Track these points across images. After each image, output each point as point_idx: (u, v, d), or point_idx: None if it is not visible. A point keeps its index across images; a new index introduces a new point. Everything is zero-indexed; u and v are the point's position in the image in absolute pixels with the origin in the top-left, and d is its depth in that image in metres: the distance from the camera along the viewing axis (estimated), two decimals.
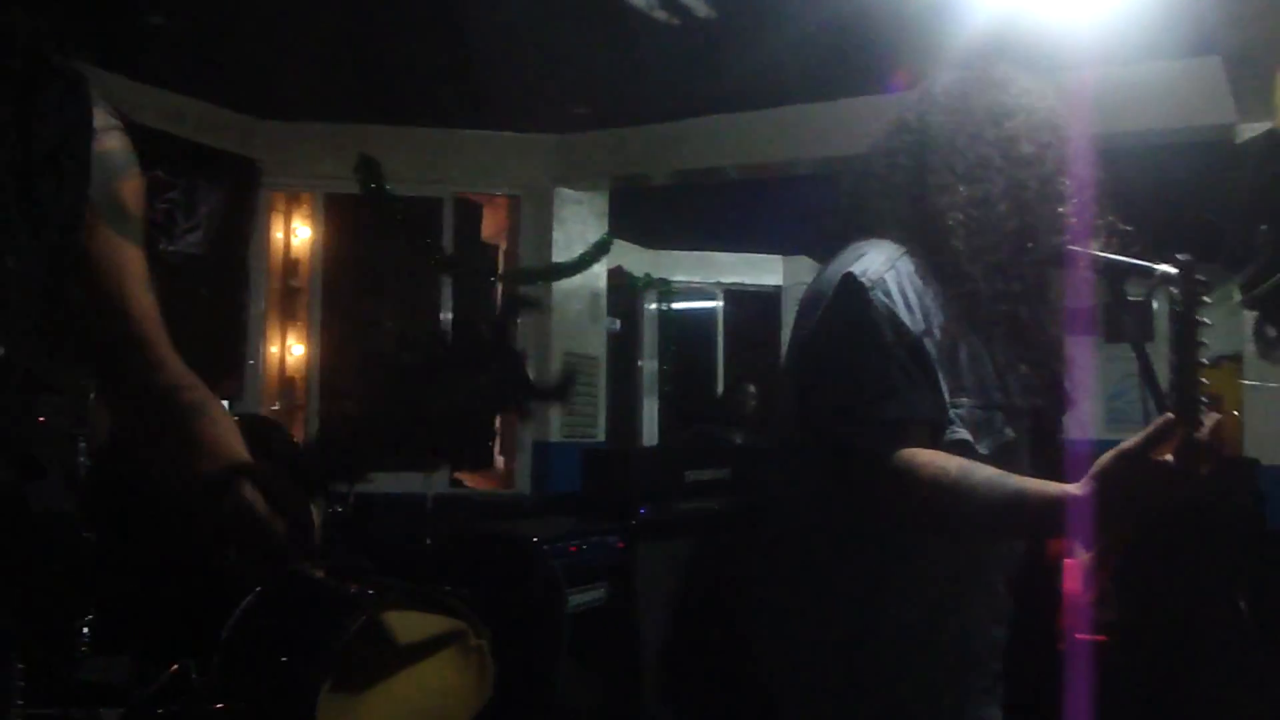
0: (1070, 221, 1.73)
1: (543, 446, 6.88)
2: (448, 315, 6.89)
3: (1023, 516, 1.53)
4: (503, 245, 7.26)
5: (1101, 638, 1.66)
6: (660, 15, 4.40)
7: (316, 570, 3.80)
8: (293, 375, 6.95)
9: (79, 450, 3.68)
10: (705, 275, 9.96)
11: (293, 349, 6.93)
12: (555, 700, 4.26)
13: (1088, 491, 1.45)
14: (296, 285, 7.01)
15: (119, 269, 1.29)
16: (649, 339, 9.64)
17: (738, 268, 9.95)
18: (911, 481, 1.57)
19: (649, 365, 9.62)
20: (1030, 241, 1.72)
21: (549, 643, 4.23)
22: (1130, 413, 1.47)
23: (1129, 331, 1.76)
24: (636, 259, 9.23)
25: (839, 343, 1.70)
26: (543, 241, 7.01)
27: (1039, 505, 1.50)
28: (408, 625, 3.50)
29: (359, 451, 1.32)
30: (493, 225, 7.35)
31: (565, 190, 7.06)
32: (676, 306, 9.78)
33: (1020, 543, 1.79)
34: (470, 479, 7.10)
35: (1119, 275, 1.69)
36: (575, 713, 4.48)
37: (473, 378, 1.32)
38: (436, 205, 6.92)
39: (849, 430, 1.65)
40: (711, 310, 10.13)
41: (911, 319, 1.67)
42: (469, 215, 7.26)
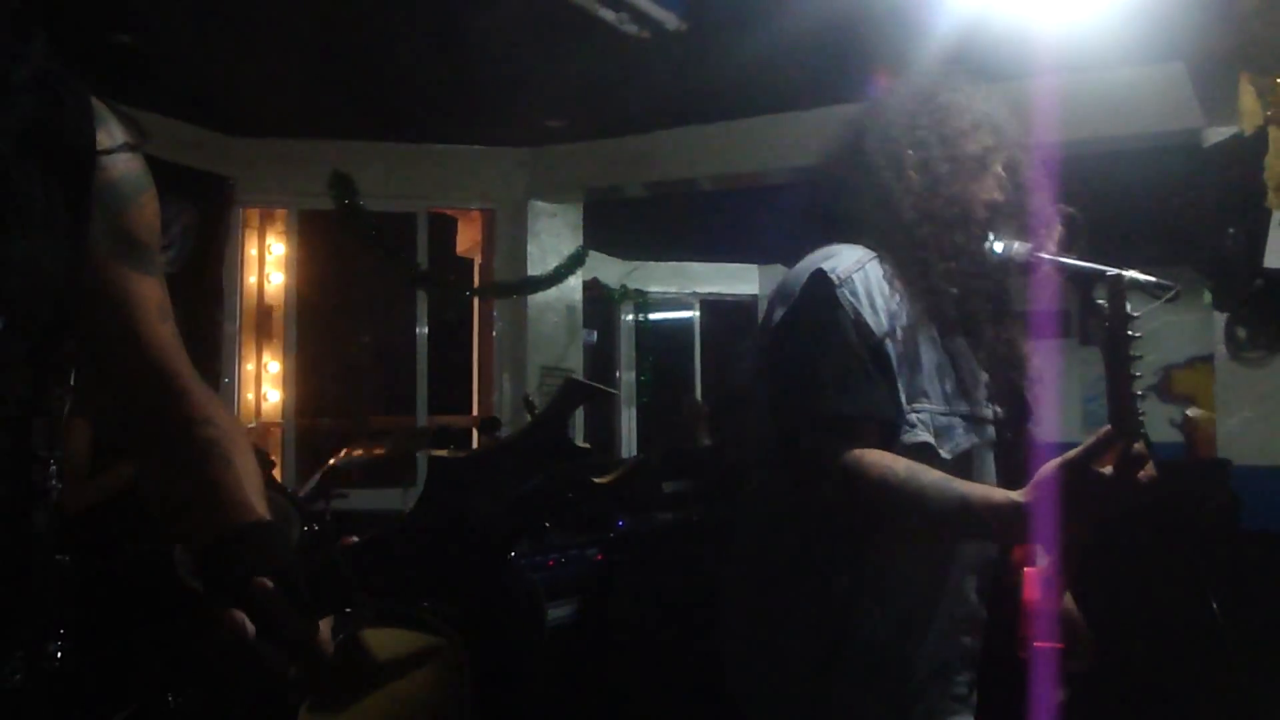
0: (1030, 227, 1.76)
1: None
2: (424, 330, 6.88)
3: (967, 520, 1.57)
4: (478, 259, 7.26)
5: (1060, 645, 1.67)
6: (631, 29, 4.41)
7: None
8: (268, 393, 6.92)
9: (50, 473, 3.63)
10: (681, 285, 9.98)
11: (269, 366, 6.91)
12: (534, 714, 4.25)
13: (1030, 499, 1.49)
14: (271, 303, 6.98)
15: (133, 302, 1.23)
16: (626, 350, 9.65)
17: (713, 277, 9.98)
18: (859, 480, 1.61)
19: (626, 376, 9.62)
20: (983, 250, 1.74)
21: (527, 657, 4.22)
22: (1105, 416, 1.48)
23: (1096, 335, 1.78)
24: (612, 270, 9.24)
25: (803, 336, 1.74)
26: (518, 255, 7.00)
27: (983, 510, 1.55)
28: (387, 642, 3.49)
29: (395, 568, 1.15)
30: (468, 239, 7.35)
31: (539, 203, 7.07)
32: (653, 317, 9.79)
33: (991, 548, 1.80)
34: None
35: (1084, 280, 1.71)
36: None
37: (530, 476, 1.23)
38: (410, 220, 6.91)
39: (803, 422, 1.68)
40: (688, 320, 10.15)
41: (875, 320, 1.70)
42: (444, 230, 7.26)
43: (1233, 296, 4.96)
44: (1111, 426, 1.46)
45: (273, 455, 6.65)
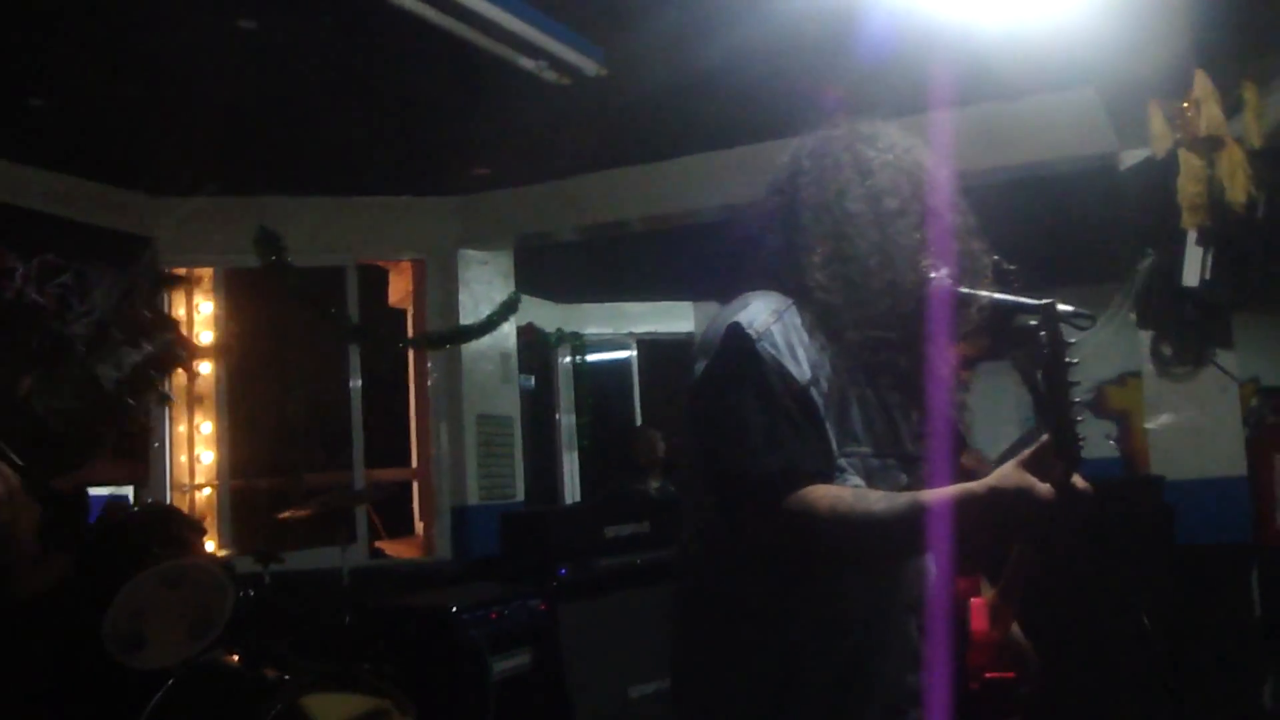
0: (952, 262, 1.76)
1: (461, 510, 6.80)
2: (357, 383, 6.81)
3: (922, 519, 1.54)
4: (410, 310, 7.21)
5: (1010, 674, 1.67)
6: (550, 76, 4.42)
7: (230, 657, 3.71)
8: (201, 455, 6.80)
9: None
10: (617, 326, 10.00)
11: (201, 428, 6.78)
12: None
13: (986, 487, 1.49)
14: (201, 362, 6.87)
15: None
16: (564, 393, 9.63)
17: (649, 317, 10.01)
18: (810, 517, 1.58)
19: (566, 419, 9.59)
20: (904, 291, 1.74)
21: (475, 714, 4.16)
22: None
23: (1019, 364, 1.80)
24: (548, 314, 9.23)
25: (726, 393, 1.71)
26: (450, 304, 6.96)
27: (937, 505, 1.53)
28: (329, 707, 3.44)
29: None
30: (400, 290, 7.30)
31: (470, 251, 7.04)
32: (590, 359, 9.78)
33: (928, 585, 1.79)
34: (390, 547, 7.00)
35: (1009, 312, 1.73)
36: None
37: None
38: (340, 274, 6.85)
39: (735, 480, 1.66)
40: (625, 360, 10.16)
41: (798, 370, 1.69)
42: (375, 281, 7.20)
43: (1155, 315, 5.05)
44: (1055, 454, 1.47)
45: (208, 518, 6.53)
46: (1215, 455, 5.04)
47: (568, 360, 9.64)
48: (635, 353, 10.15)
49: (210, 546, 5.80)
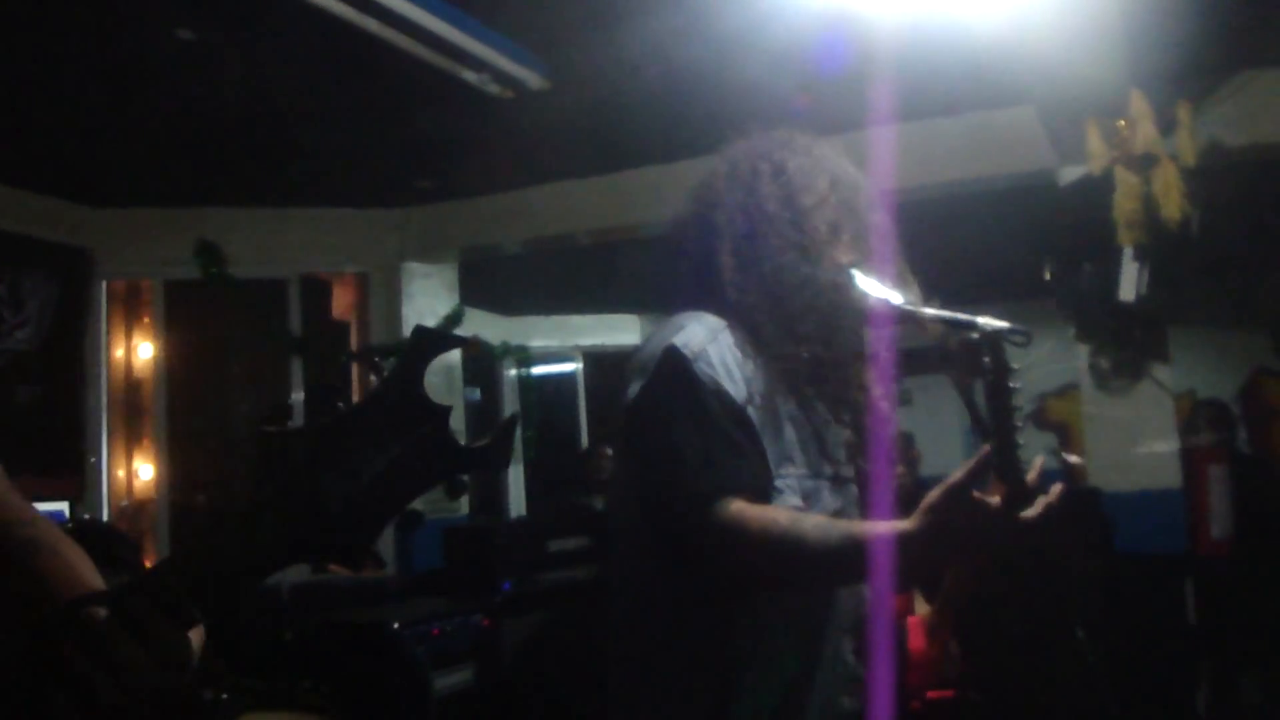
0: (888, 280, 1.76)
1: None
2: (299, 396, 6.74)
3: (856, 555, 1.51)
4: (353, 322, 7.15)
5: (950, 693, 1.68)
6: (493, 89, 4.41)
7: None
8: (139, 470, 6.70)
9: None
10: (563, 339, 9.96)
11: (140, 441, 6.68)
12: None
13: (919, 525, 1.46)
14: (140, 376, 6.77)
15: None
16: (510, 407, 9.57)
17: (595, 329, 9.98)
18: (741, 536, 1.56)
19: None
20: (822, 288, 1.73)
21: None
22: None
23: (955, 383, 1.80)
24: (493, 327, 9.18)
25: (661, 415, 1.69)
26: (393, 317, 6.91)
27: (870, 542, 1.50)
28: None
29: (232, 560, 1.04)
30: (343, 303, 7.24)
31: (413, 264, 6.99)
32: (536, 372, 9.73)
33: (864, 608, 1.78)
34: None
35: (947, 330, 1.72)
36: None
37: (386, 448, 1.07)
38: (282, 286, 6.78)
39: (670, 501, 1.64)
40: (571, 373, 10.12)
41: (735, 389, 1.67)
42: (318, 294, 7.13)
43: (1093, 329, 5.13)
44: (998, 477, 1.46)
45: (146, 533, 6.43)
46: (1151, 468, 5.12)
47: (513, 373, 9.59)
48: (581, 365, 10.12)
49: (148, 563, 5.70)
